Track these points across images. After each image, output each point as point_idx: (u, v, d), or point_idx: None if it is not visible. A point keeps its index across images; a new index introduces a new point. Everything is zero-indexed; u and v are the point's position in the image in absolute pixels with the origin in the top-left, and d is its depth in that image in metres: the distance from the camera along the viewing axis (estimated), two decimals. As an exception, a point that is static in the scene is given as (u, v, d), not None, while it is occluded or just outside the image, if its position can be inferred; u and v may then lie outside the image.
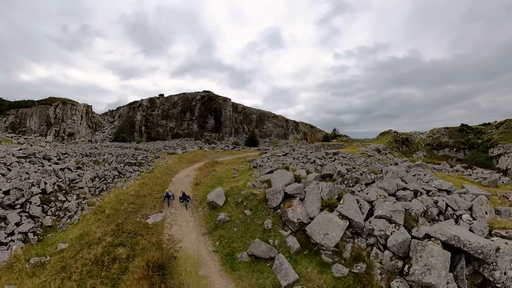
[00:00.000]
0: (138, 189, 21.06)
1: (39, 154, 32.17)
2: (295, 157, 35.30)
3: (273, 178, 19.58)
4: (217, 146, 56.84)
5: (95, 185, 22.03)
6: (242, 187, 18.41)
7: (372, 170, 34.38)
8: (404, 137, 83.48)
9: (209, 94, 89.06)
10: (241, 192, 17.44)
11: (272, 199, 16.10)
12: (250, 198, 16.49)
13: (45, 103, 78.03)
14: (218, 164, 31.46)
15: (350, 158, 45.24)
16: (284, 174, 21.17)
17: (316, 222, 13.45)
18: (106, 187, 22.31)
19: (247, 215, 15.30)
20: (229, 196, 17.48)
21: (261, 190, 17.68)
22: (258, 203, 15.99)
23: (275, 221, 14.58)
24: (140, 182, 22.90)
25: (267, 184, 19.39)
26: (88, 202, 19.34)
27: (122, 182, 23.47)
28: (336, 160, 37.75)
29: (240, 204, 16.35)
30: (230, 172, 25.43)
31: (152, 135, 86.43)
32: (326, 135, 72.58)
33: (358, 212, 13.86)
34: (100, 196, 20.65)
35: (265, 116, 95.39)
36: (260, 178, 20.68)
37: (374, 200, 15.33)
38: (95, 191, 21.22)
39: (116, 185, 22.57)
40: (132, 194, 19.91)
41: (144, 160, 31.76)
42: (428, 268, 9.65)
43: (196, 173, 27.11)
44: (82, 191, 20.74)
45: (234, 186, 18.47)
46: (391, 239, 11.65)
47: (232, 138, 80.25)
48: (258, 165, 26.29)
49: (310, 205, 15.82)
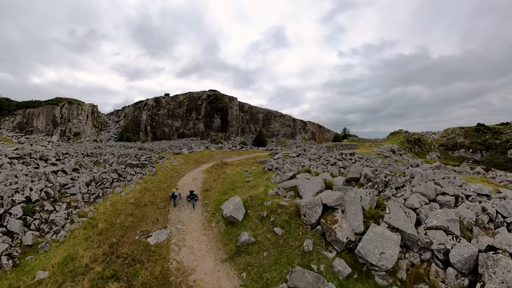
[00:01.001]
0: (138, 196, 17.72)
1: (36, 154, 29.21)
2: (311, 158, 31.75)
3: (301, 185, 16.20)
4: (224, 146, 53.56)
5: (90, 191, 18.79)
6: (263, 196, 14.92)
7: (395, 172, 31.42)
8: (416, 137, 79.15)
9: (215, 93, 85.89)
10: (265, 203, 13.93)
11: (310, 213, 12.86)
12: (279, 212, 13.02)
13: (52, 103, 76.92)
14: (227, 165, 28.07)
15: (367, 159, 41.53)
16: (312, 180, 17.74)
17: (368, 239, 11.11)
18: (103, 192, 19.06)
19: (278, 234, 11.88)
20: (249, 208, 13.99)
21: (289, 200, 14.23)
22: (290, 217, 12.61)
23: (316, 241, 11.51)
24: (142, 187, 19.58)
25: (294, 192, 15.97)
26: (79, 213, 16.07)
27: (121, 186, 20.19)
28: (357, 161, 34.08)
29: (266, 219, 12.87)
30: (243, 175, 22.00)
31: (158, 134, 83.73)
32: (337, 135, 68.81)
33: (408, 222, 11.97)
34: (94, 204, 17.40)
35: (272, 115, 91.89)
36: (283, 184, 17.22)
37: (418, 208, 13.68)
38: (90, 198, 17.96)
39: (115, 190, 19.30)
40: (131, 202, 16.57)
41: (148, 161, 28.53)
42: (508, 286, 8.29)
43: (204, 176, 23.73)
44: (74, 199, 17.52)
45: (254, 195, 14.97)
46: (454, 254, 9.99)
47: (238, 138, 76.95)
48: (274, 167, 22.83)
49: (354, 218, 13.02)
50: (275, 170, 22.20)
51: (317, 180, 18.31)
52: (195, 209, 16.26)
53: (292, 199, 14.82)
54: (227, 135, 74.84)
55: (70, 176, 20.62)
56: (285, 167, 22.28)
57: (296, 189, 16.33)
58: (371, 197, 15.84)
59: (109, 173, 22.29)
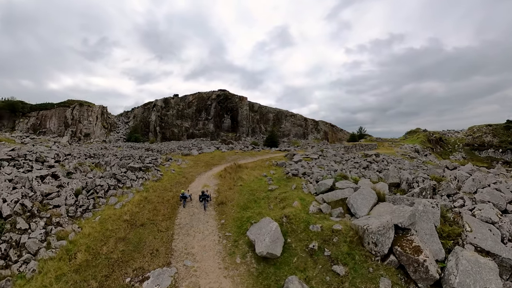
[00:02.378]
0: (136, 209, 13.76)
1: (32, 155, 25.91)
2: (336, 161, 27.21)
3: (352, 198, 12.21)
4: (235, 147, 49.51)
5: (79, 202, 15.02)
6: (304, 215, 10.73)
7: (432, 176, 26.89)
8: (438, 137, 72.80)
9: (225, 93, 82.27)
10: (311, 228, 9.77)
11: (383, 241, 9.24)
12: (334, 241, 8.98)
13: (64, 106, 76.70)
14: (241, 168, 23.93)
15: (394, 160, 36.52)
16: (362, 191, 13.57)
17: (464, 271, 8.42)
18: (94, 204, 15.24)
19: (341, 275, 8.01)
20: (288, 234, 9.84)
21: (341, 221, 10.16)
22: (350, 248, 8.80)
23: (394, 279, 8.08)
24: (142, 197, 15.64)
25: (343, 208, 11.68)
26: (59, 233, 12.26)
27: (118, 196, 16.36)
28: (390, 164, 29.29)
29: (319, 253, 8.80)
30: (263, 182, 17.78)
31: (167, 135, 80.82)
32: (353, 134, 63.60)
33: (497, 242, 9.89)
34: (81, 220, 13.58)
35: (283, 115, 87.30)
36: (325, 197, 12.93)
37: (497, 222, 11.53)
38: (76, 211, 14.17)
39: (109, 201, 15.46)
40: (125, 219, 12.61)
41: (153, 163, 24.73)
42: None
43: (217, 182, 19.65)
44: (57, 212, 13.74)
45: (291, 214, 10.73)
46: None
47: (249, 138, 72.87)
48: (300, 172, 18.53)
49: (430, 240, 10.04)
50: (302, 176, 17.83)
51: (367, 190, 13.92)
52: (206, 211, 14.05)
53: (342, 218, 10.60)
54: (238, 135, 70.92)
55: (58, 182, 16.94)
56: (315, 172, 17.90)
57: (345, 203, 12.02)
58: (440, 210, 12.25)
59: (106, 178, 18.55)
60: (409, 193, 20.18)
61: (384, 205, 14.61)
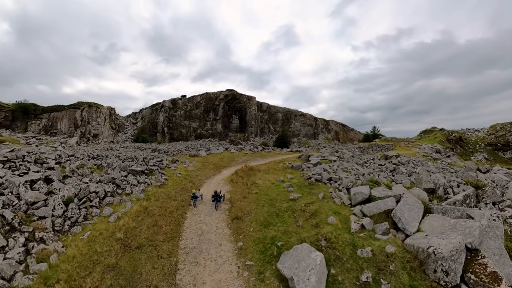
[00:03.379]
0: (133, 224, 11.38)
1: (31, 157, 24.17)
2: (358, 163, 24.29)
3: (398, 211, 9.72)
4: (244, 147, 47.05)
5: (69, 213, 12.80)
6: (346, 235, 8.26)
7: (467, 180, 23.83)
8: (457, 136, 68.22)
9: (233, 93, 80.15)
10: (359, 253, 7.35)
11: (455, 267, 7.12)
12: (391, 269, 6.51)
13: (74, 107, 77.52)
14: (254, 171, 21.37)
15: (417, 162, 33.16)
16: (406, 200, 10.95)
17: None
18: (86, 215, 13.00)
19: None
20: (330, 262, 7.34)
21: (391, 240, 7.85)
22: (411, 277, 6.76)
23: None
24: (141, 208, 13.26)
25: (388, 223, 9.11)
26: (40, 253, 10.02)
27: (114, 205, 14.08)
28: (417, 166, 26.13)
29: (374, 286, 6.14)
30: (282, 189, 15.15)
31: (175, 135, 79.32)
32: (367, 134, 59.98)
33: None
34: (68, 236, 11.35)
35: (292, 114, 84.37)
36: (365, 209, 10.24)
37: None
38: (63, 225, 11.94)
39: (103, 211, 13.19)
40: (119, 238, 10.23)
41: (157, 165, 22.50)
42: None
43: (228, 188, 17.18)
44: (41, 226, 11.54)
45: (331, 235, 8.26)
46: None
47: (258, 139, 70.37)
48: (324, 177, 15.81)
49: (499, 262, 8.27)
50: (328, 182, 15.09)
51: (412, 200, 11.20)
52: (217, 210, 13.55)
53: (388, 234, 7.94)
54: (246, 135, 68.52)
55: (49, 188, 14.81)
56: (342, 177, 15.11)
57: (389, 216, 9.44)
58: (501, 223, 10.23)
59: (103, 183, 16.36)
60: (449, 200, 17.30)
61: (435, 218, 11.86)
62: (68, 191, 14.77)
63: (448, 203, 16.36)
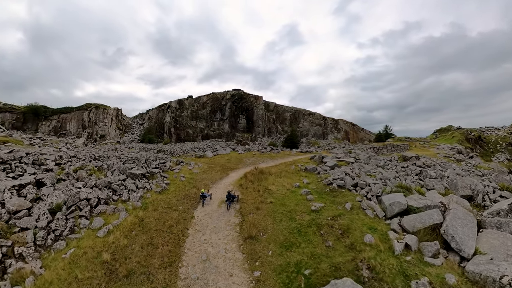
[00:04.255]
0: (124, 242, 9.51)
1: (29, 158, 22.95)
2: (378, 165, 21.92)
3: (450, 227, 7.64)
4: (252, 148, 45.12)
5: (54, 224, 11.14)
6: (391, 260, 6.13)
7: (502, 185, 21.22)
8: (476, 135, 64.25)
9: (239, 93, 78.44)
10: (414, 286, 5.30)
11: None
12: None
13: (82, 109, 78.32)
14: (265, 175, 19.38)
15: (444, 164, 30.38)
16: (456, 212, 8.63)
17: None
18: (74, 226, 11.31)
19: None
20: None
21: (448, 266, 5.86)
22: None
23: None
24: (136, 220, 11.43)
25: (439, 241, 7.17)
26: (16, 274, 8.36)
27: (106, 215, 12.34)
28: (446, 169, 23.54)
29: None
30: (299, 196, 13.08)
31: (182, 136, 78.29)
32: (379, 134, 56.94)
33: None
34: (50, 252, 9.64)
35: (300, 114, 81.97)
36: (407, 223, 8.13)
37: None
38: (46, 238, 10.27)
39: (93, 223, 11.46)
40: (105, 260, 8.37)
41: (159, 168, 20.81)
42: None
43: (237, 195, 15.17)
44: (22, 239, 9.90)
45: (374, 261, 6.10)
46: None
47: (265, 139, 68.35)
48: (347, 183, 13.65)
49: None
50: (353, 188, 12.91)
51: (461, 212, 9.17)
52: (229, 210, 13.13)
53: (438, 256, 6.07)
54: (254, 135, 66.62)
55: (36, 194, 13.26)
56: (369, 182, 12.92)
57: (435, 232, 7.35)
58: None
59: (98, 188, 14.71)
60: (490, 209, 14.86)
61: (492, 235, 9.61)
62: (57, 197, 13.17)
63: (490, 213, 13.98)
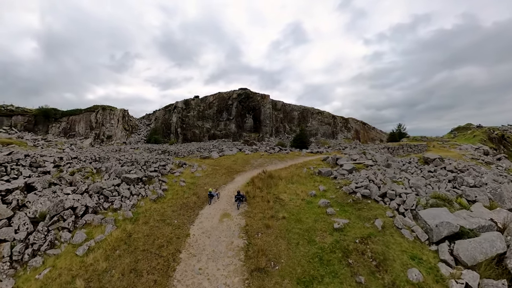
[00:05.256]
0: (103, 266, 7.69)
1: (26, 160, 21.84)
2: (403, 169, 19.51)
3: None
4: (259, 148, 43.21)
5: (33, 237, 9.58)
6: None
7: None
8: (500, 134, 59.97)
9: (246, 92, 76.70)
10: None
11: None
12: None
13: (90, 111, 79.59)
14: (274, 180, 17.39)
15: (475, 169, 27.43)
16: None
17: None
18: (54, 240, 9.70)
19: None
20: None
21: None
22: None
23: None
24: (123, 235, 9.63)
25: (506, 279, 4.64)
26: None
27: (92, 227, 10.66)
28: (483, 174, 20.85)
29: None
30: (316, 209, 10.97)
31: (188, 136, 77.33)
32: (393, 133, 53.70)
33: None
34: (26, 269, 8.04)
35: (308, 112, 79.37)
36: (463, 254, 5.81)
37: None
38: (23, 254, 8.69)
39: (74, 237, 9.80)
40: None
41: (159, 171, 19.19)
42: None
43: (242, 207, 13.25)
44: (-13, 260, 8.34)
45: None
46: None
47: (273, 139, 66.26)
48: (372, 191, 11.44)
49: None
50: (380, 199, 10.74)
51: None
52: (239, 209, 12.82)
53: None
54: (261, 135, 64.67)
55: (21, 201, 11.79)
56: (400, 192, 10.71)
57: (501, 264, 5.03)
58: None
59: (88, 195, 13.16)
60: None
61: None
62: (42, 205, 11.65)
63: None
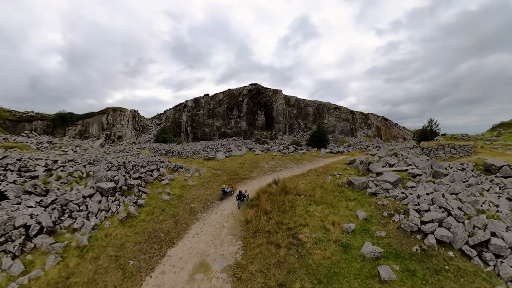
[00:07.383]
0: None
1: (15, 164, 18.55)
2: (469, 183, 13.98)
3: None
4: (271, 147, 38.35)
5: None
6: None
7: None
8: (554, 129, 50.45)
9: (257, 87, 71.77)
10: None
11: None
12: None
13: (102, 113, 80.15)
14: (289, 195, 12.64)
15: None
16: None
17: None
18: None
19: None
20: None
21: None
22: None
23: None
24: (59, 277, 5.74)
25: None
26: None
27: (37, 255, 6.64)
28: None
29: None
30: (357, 264, 5.97)
31: (198, 135, 74.19)
32: (425, 130, 46.18)
33: None
34: None
35: (324, 108, 73.00)
36: None
37: None
38: None
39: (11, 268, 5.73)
40: None
41: (143, 178, 15.04)
42: None
43: (236, 251, 8.54)
44: None
45: None
46: None
47: (286, 137, 61.03)
48: (455, 236, 6.40)
49: None
50: (470, 250, 5.67)
51: None
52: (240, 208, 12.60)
53: None
54: (273, 133, 59.68)
55: None
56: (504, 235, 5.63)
57: None
58: None
59: (51, 208, 9.21)
60: None
61: None
62: None
63: None
